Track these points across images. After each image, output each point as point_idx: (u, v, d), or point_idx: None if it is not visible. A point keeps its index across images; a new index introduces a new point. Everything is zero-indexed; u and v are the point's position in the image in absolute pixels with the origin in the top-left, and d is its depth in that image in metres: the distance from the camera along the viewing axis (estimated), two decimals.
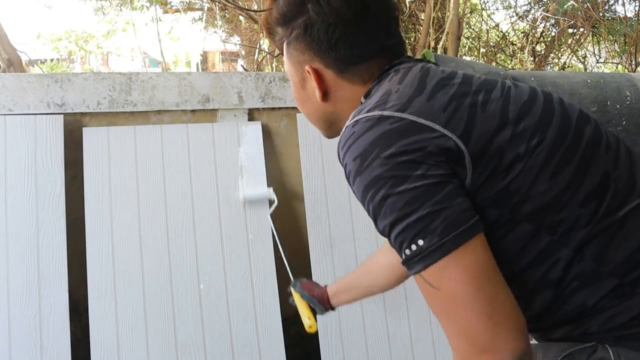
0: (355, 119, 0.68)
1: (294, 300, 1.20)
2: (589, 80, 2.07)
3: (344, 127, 0.70)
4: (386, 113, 0.65)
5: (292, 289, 1.19)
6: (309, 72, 0.77)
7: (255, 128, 1.67)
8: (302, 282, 1.19)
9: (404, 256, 0.61)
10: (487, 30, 5.59)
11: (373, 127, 0.64)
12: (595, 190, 0.64)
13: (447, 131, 0.62)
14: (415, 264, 0.60)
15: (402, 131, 0.62)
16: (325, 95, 0.78)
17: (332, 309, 1.17)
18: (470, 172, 0.62)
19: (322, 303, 1.15)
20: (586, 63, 5.63)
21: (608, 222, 0.64)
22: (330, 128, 0.85)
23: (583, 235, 0.63)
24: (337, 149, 0.71)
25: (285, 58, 0.82)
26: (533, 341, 0.71)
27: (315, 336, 1.57)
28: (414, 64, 0.75)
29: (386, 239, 0.65)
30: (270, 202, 1.61)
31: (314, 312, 1.15)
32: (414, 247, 0.60)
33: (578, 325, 0.66)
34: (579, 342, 0.66)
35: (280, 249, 1.57)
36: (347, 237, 1.66)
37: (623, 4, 6.28)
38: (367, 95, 0.75)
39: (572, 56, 5.56)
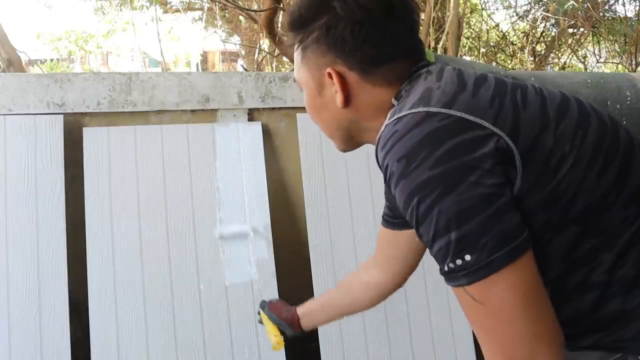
0: (396, 116, 0.63)
1: (261, 321, 1.13)
2: (589, 80, 2.07)
3: (383, 125, 0.65)
4: (433, 109, 0.60)
5: (260, 310, 1.13)
6: (330, 75, 0.73)
7: (255, 128, 1.67)
8: (271, 304, 1.12)
9: (446, 268, 0.58)
10: (487, 30, 5.59)
11: (419, 124, 0.59)
12: (637, 193, 0.63)
13: (496, 129, 0.58)
14: (458, 278, 0.57)
15: (452, 129, 0.58)
16: (347, 100, 0.74)
17: (302, 332, 1.10)
18: (520, 173, 0.59)
19: (291, 326, 1.09)
20: (586, 63, 5.63)
21: None
22: (349, 138, 0.81)
23: (627, 239, 0.61)
24: (375, 151, 0.66)
25: (298, 64, 0.78)
26: None
27: (315, 336, 1.57)
28: (442, 65, 0.73)
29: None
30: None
31: (282, 332, 1.09)
32: (459, 261, 0.56)
33: (611, 332, 0.64)
34: (608, 350, 0.65)
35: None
36: (347, 237, 1.66)
37: (623, 4, 6.28)
38: (397, 97, 0.71)
39: (572, 56, 5.57)
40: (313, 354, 1.57)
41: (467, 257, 0.56)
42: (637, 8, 4.79)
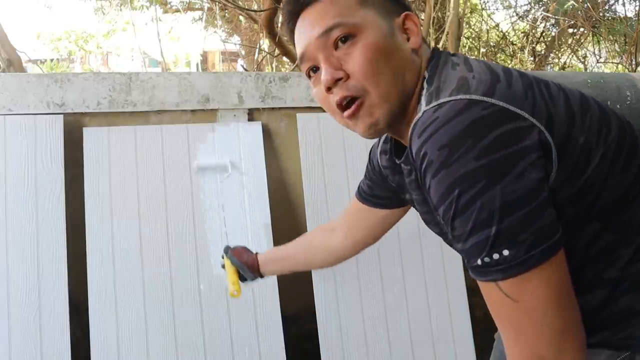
0: (435, 103, 0.60)
1: (223, 266, 1.19)
2: (589, 80, 2.07)
3: (421, 111, 0.62)
4: (475, 97, 0.58)
5: (223, 255, 1.19)
6: (405, 19, 0.71)
7: (255, 128, 1.67)
8: (233, 249, 1.18)
9: (479, 262, 0.56)
10: (487, 30, 5.59)
11: (463, 112, 0.57)
12: None
13: (535, 120, 0.57)
14: (492, 273, 0.56)
15: (497, 119, 0.56)
16: (419, 45, 0.71)
17: (261, 276, 1.17)
18: (555, 168, 0.58)
19: (251, 270, 1.15)
20: (586, 63, 5.63)
21: None
22: (404, 96, 0.69)
23: None
24: (409, 136, 0.62)
25: (353, 5, 0.69)
26: None
27: (315, 336, 1.57)
28: (464, 56, 0.71)
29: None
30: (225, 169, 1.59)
31: (243, 280, 1.16)
32: (496, 256, 0.55)
33: (620, 330, 0.64)
34: (615, 348, 0.65)
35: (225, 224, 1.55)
36: None
37: (623, 4, 6.28)
38: (429, 80, 0.67)
39: (572, 56, 5.57)
40: (313, 353, 1.57)
41: (505, 252, 0.54)
42: (637, 8, 4.79)
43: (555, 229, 0.56)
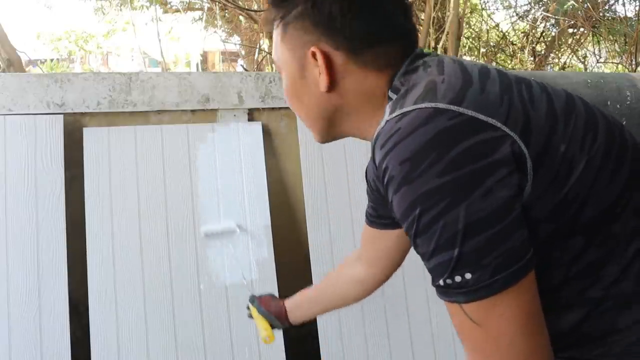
0: (399, 112, 0.55)
1: (250, 315, 1.14)
2: (589, 80, 2.07)
3: (383, 121, 0.57)
4: (441, 106, 0.53)
5: (249, 304, 1.14)
6: (314, 55, 0.65)
7: (255, 128, 1.67)
8: (260, 298, 1.13)
9: (441, 283, 0.53)
10: (487, 30, 5.59)
11: (426, 123, 0.52)
12: None
13: (508, 129, 0.52)
14: (454, 295, 0.52)
15: (464, 130, 0.51)
16: (332, 83, 0.65)
17: (291, 325, 1.10)
18: (530, 181, 0.52)
19: (279, 319, 1.09)
20: (586, 63, 5.64)
21: None
22: (330, 128, 0.72)
23: (633, 252, 0.57)
24: (371, 147, 0.58)
25: (277, 43, 0.70)
26: None
27: (315, 336, 1.57)
28: (440, 56, 0.65)
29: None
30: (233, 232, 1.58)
31: (272, 326, 1.11)
32: (458, 278, 0.51)
33: (597, 346, 0.60)
34: None
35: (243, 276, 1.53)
36: (347, 237, 1.66)
37: (623, 4, 6.28)
38: (394, 90, 0.63)
39: (572, 56, 5.57)
40: (313, 354, 1.57)
41: (468, 276, 0.50)
42: (637, 8, 4.79)
43: (524, 250, 0.51)
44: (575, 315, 0.59)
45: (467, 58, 5.30)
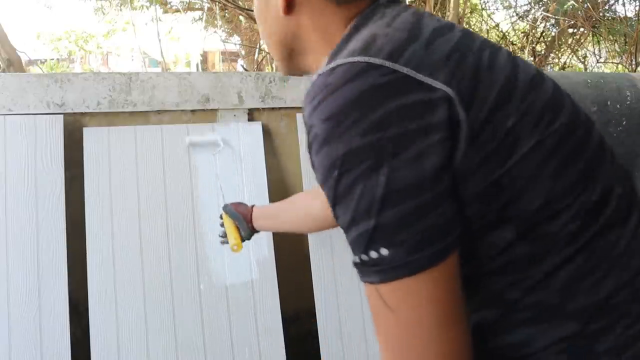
0: (331, 65, 0.50)
1: (222, 224, 1.23)
2: (589, 80, 2.07)
3: (316, 75, 0.52)
4: (375, 60, 0.48)
5: (222, 212, 1.23)
6: None
7: (255, 128, 1.67)
8: (232, 203, 1.22)
9: (357, 260, 0.49)
10: (487, 30, 5.59)
11: (356, 78, 0.47)
12: (596, 204, 0.52)
13: (450, 90, 0.47)
14: (370, 273, 0.48)
15: (395, 88, 0.46)
16: (289, 6, 0.60)
17: (255, 230, 1.18)
18: (462, 150, 0.47)
19: (246, 221, 1.17)
20: (586, 63, 5.63)
21: (595, 247, 0.51)
22: (290, 58, 0.66)
23: (564, 257, 0.50)
24: (303, 104, 0.52)
25: None
26: None
27: (315, 336, 1.57)
28: (404, 8, 0.58)
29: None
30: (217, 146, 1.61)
31: (241, 236, 1.20)
32: (373, 254, 0.46)
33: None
34: None
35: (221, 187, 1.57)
36: None
37: (623, 4, 6.28)
38: (345, 40, 0.56)
39: (572, 56, 5.57)
40: (313, 353, 1.57)
41: (384, 252, 0.46)
42: (637, 8, 4.79)
43: (448, 230, 0.46)
44: (488, 315, 0.54)
45: None
